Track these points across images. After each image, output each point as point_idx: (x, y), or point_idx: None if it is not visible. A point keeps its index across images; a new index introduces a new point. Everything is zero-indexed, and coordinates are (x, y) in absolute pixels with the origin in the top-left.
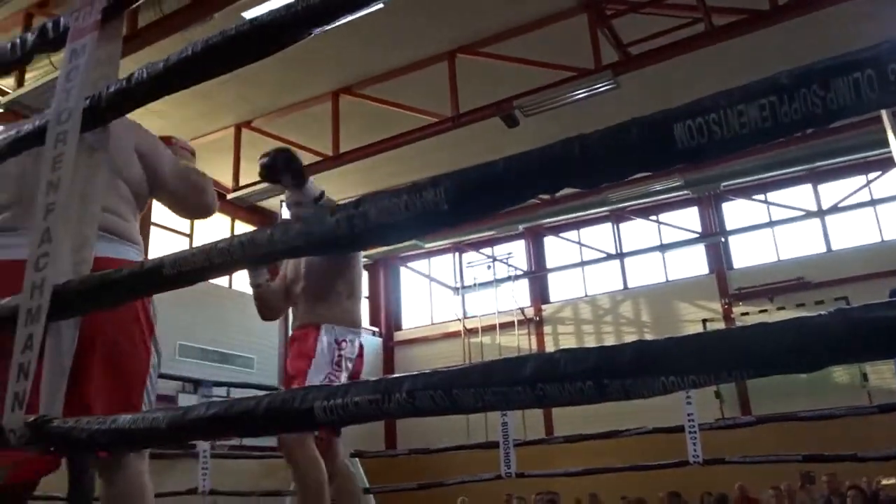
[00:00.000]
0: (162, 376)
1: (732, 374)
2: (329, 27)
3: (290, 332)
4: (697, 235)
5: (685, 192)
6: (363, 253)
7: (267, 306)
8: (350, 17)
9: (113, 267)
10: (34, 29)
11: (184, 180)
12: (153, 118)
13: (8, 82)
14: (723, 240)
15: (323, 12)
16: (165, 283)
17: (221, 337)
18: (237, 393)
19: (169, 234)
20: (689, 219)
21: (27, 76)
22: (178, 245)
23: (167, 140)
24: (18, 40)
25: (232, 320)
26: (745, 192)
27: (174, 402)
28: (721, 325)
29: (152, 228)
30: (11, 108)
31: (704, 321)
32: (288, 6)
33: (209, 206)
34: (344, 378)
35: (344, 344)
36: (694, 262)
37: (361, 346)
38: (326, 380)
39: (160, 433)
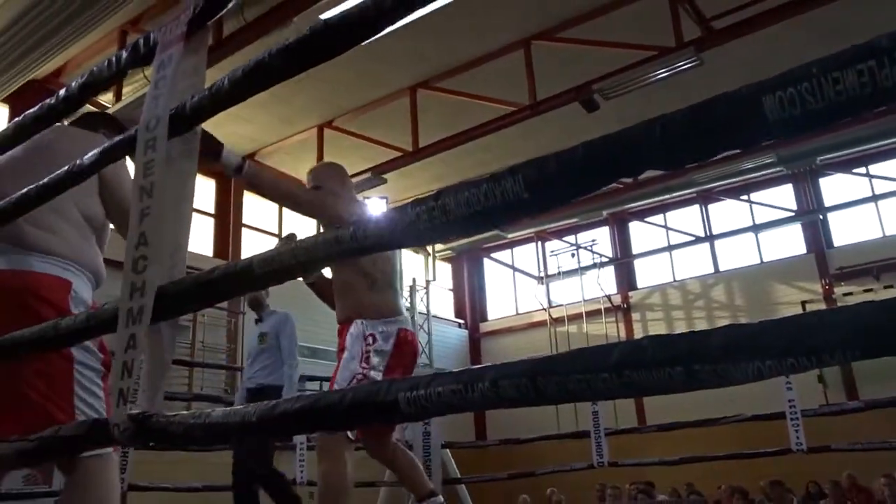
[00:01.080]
0: None
1: (835, 357)
2: (400, 24)
3: None
4: (793, 214)
5: (778, 168)
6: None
7: (327, 300)
8: (420, 13)
9: (9, 280)
10: (127, 46)
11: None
12: (240, 124)
13: (107, 97)
14: (821, 217)
15: (391, 9)
16: (256, 282)
17: (311, 332)
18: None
19: (258, 235)
20: (783, 196)
21: (124, 91)
22: (268, 244)
23: None
24: (114, 57)
25: (319, 316)
26: (845, 165)
27: None
28: (822, 307)
29: (243, 230)
30: None
31: (803, 303)
32: (359, 5)
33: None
34: (375, 374)
35: (371, 338)
36: (790, 242)
37: (402, 333)
38: (354, 379)
39: (251, 426)
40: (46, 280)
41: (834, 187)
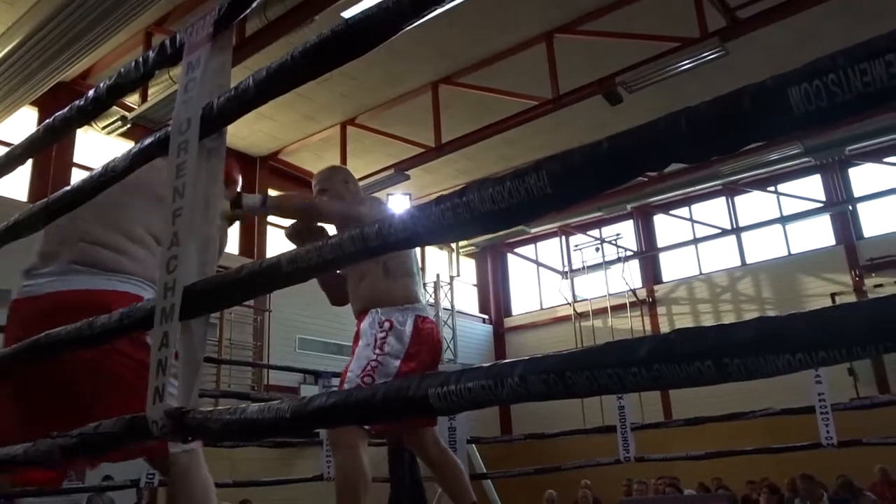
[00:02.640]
0: (284, 368)
1: (867, 350)
2: (421, 20)
3: None
4: (822, 205)
5: (806, 159)
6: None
7: (329, 292)
8: (443, 8)
9: (83, 301)
10: (154, 47)
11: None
12: (263, 122)
13: (133, 98)
14: (850, 208)
15: (411, 8)
16: (284, 280)
17: (337, 329)
18: None
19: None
20: (811, 187)
21: (150, 91)
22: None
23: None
24: (141, 59)
25: (346, 313)
26: (875, 155)
27: (297, 393)
28: (852, 299)
29: (268, 228)
30: (138, 123)
31: (833, 295)
32: (379, 4)
33: None
34: (392, 360)
35: (388, 324)
36: (819, 234)
37: (419, 320)
38: (368, 366)
39: (285, 422)
40: (118, 296)
41: (864, 177)
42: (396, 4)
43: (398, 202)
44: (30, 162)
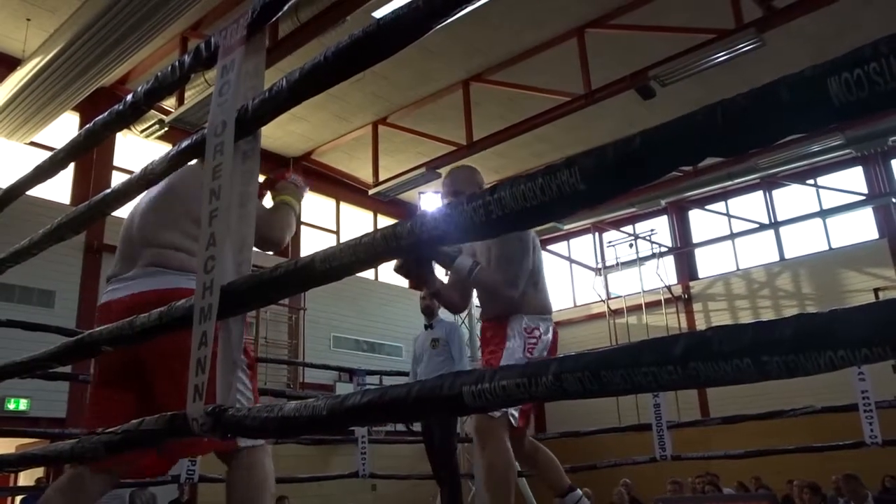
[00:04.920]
0: (319, 367)
1: None
2: (451, 18)
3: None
4: (864, 197)
5: (847, 151)
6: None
7: (449, 304)
8: (473, 6)
9: (162, 298)
10: (189, 51)
11: (264, 222)
12: (296, 123)
13: (170, 102)
14: (894, 200)
15: (442, 6)
16: (318, 279)
17: (370, 328)
18: (389, 380)
19: (317, 232)
20: (853, 180)
21: (186, 95)
22: (327, 242)
23: (280, 176)
24: (177, 62)
25: (379, 312)
26: None
27: (332, 391)
28: None
29: (303, 228)
30: (175, 126)
31: (876, 291)
32: (409, 4)
33: (276, 242)
34: None
35: (536, 331)
36: (861, 227)
37: (555, 332)
38: None
39: (321, 419)
40: (186, 293)
41: None
42: (427, 3)
43: (430, 201)
44: (72, 166)
